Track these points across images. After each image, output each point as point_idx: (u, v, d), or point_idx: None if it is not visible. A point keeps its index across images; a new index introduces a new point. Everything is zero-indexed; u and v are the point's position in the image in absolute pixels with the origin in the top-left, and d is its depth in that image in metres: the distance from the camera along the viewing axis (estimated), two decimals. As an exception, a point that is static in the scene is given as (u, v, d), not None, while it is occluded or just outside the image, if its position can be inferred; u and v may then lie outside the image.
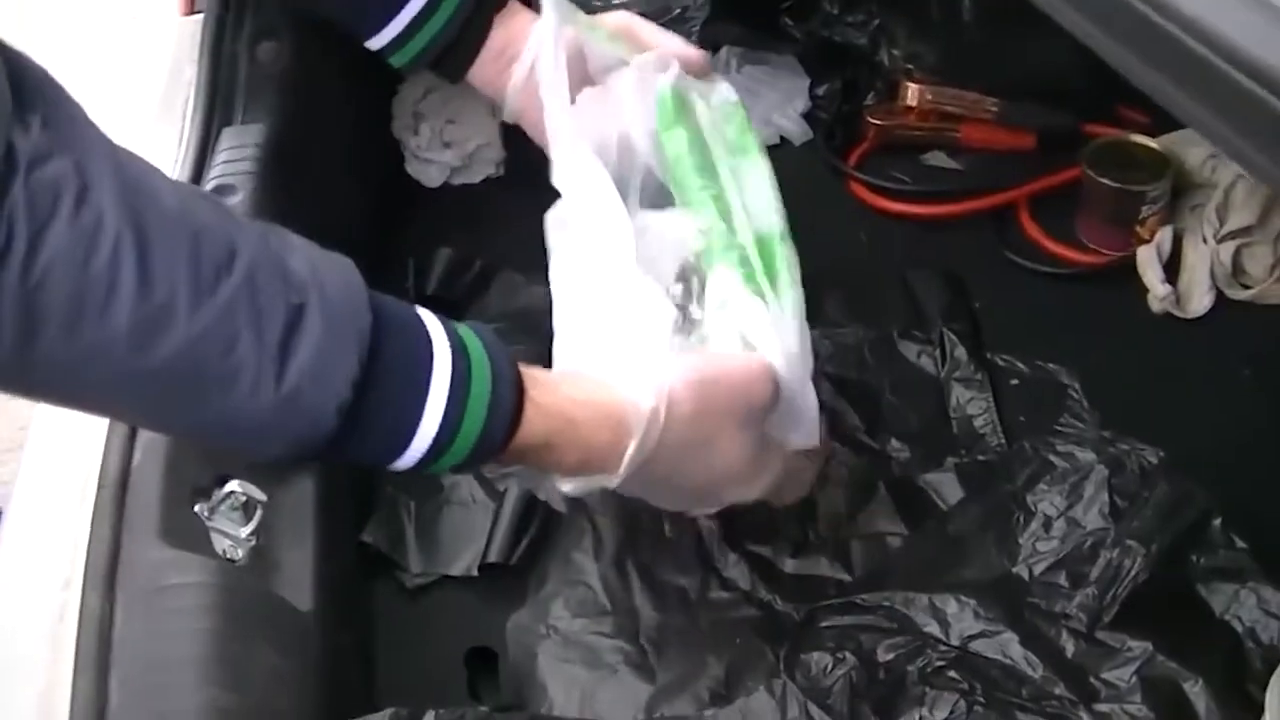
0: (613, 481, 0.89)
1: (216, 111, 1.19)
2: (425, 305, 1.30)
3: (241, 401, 0.72)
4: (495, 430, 0.82)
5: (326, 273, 0.76)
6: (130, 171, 0.70)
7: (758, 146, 1.13)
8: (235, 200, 1.11)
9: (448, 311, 1.30)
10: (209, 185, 1.12)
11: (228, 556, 0.96)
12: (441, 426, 0.79)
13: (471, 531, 1.14)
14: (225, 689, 0.85)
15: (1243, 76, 0.63)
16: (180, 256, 0.70)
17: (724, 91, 1.16)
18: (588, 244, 1.02)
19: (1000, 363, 1.26)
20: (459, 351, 0.81)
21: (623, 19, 1.17)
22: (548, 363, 0.97)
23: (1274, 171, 0.66)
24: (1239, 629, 1.01)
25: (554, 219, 1.06)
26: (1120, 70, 0.73)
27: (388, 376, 0.77)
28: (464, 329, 0.84)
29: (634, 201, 1.10)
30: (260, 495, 0.97)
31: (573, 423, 0.87)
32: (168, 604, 0.89)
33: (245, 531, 0.98)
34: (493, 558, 1.12)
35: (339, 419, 0.75)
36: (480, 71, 1.15)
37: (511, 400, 0.83)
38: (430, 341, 0.80)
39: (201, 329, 0.70)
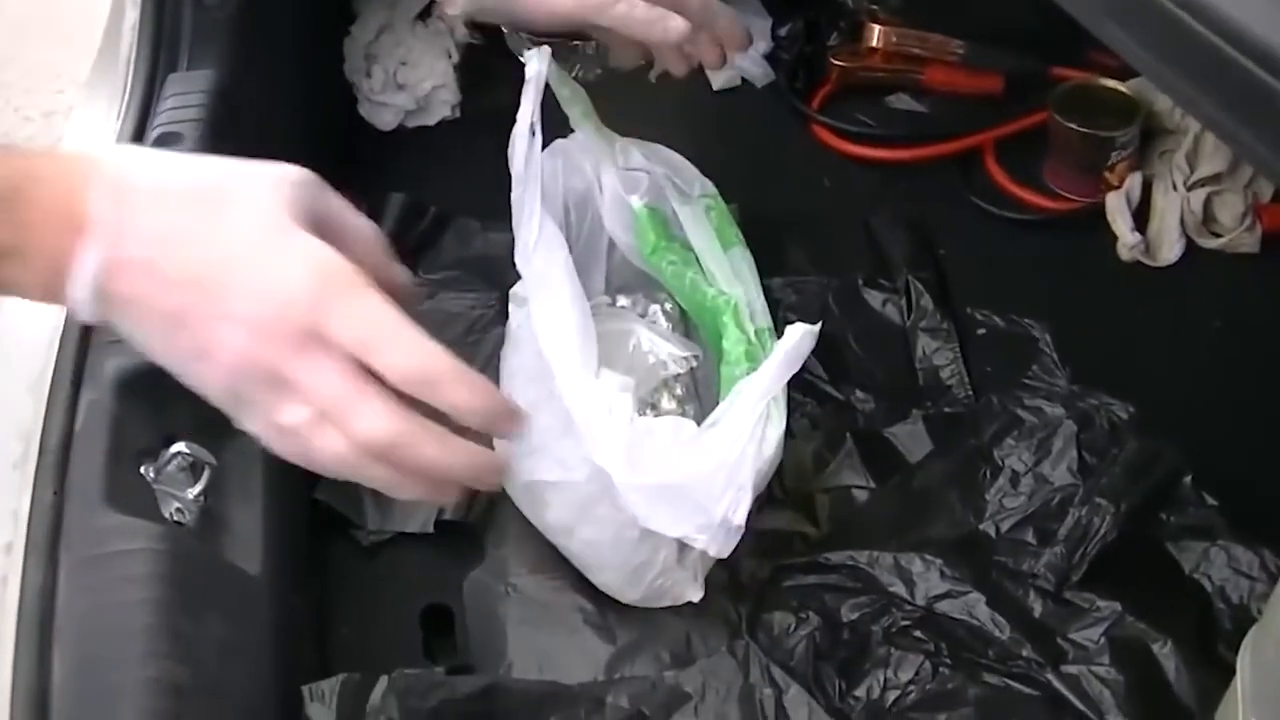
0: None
1: (161, 58, 1.15)
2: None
3: None
4: None
5: None
6: None
7: (739, 237, 1.15)
8: (181, 149, 1.08)
9: (402, 259, 1.29)
10: (154, 134, 1.08)
11: (176, 519, 0.93)
12: None
13: (427, 488, 1.12)
14: (174, 660, 0.83)
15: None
16: None
17: (702, 184, 1.17)
18: (543, 336, 1.00)
19: (967, 313, 1.24)
20: None
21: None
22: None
23: (1228, 123, 0.64)
24: (1209, 588, 1.00)
25: (515, 294, 1.09)
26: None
27: None
28: None
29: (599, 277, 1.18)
30: (209, 457, 0.95)
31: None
32: (113, 571, 0.86)
33: (194, 492, 0.95)
34: (449, 514, 1.10)
35: None
36: None
37: None
38: None
39: None
